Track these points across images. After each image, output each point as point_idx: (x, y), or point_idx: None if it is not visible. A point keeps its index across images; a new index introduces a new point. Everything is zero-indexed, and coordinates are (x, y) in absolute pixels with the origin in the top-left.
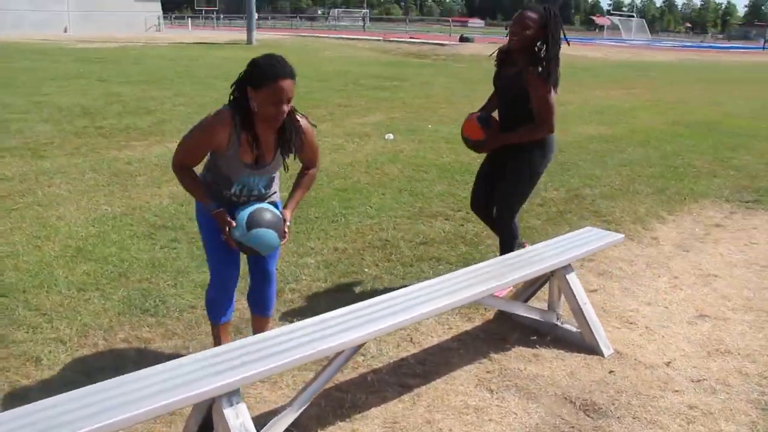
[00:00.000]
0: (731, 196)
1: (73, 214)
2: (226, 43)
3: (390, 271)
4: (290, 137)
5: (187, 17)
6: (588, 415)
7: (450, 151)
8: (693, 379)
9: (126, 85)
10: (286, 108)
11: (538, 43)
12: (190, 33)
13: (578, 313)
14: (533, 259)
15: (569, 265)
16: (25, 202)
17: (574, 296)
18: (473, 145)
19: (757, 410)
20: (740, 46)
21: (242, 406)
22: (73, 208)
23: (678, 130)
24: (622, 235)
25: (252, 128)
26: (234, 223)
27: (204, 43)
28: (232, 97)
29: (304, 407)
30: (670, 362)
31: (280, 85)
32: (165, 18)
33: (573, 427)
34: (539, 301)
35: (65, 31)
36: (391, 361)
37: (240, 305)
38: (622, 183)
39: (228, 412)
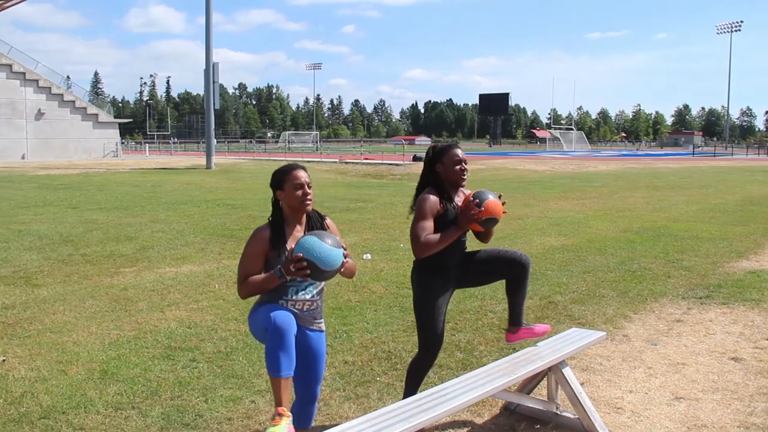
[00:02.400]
0: (686, 293)
1: (88, 339)
2: (186, 169)
3: (400, 378)
4: (319, 223)
5: (144, 142)
6: None
7: None
8: None
9: (99, 212)
10: (309, 191)
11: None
12: (148, 158)
13: (575, 401)
14: (533, 358)
15: (564, 360)
16: (36, 329)
17: (571, 387)
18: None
19: None
20: (672, 153)
21: None
22: (86, 334)
23: (629, 237)
24: (603, 333)
25: (281, 224)
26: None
27: (164, 168)
28: (271, 217)
29: None
30: None
31: (296, 173)
32: (122, 143)
33: None
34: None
35: (23, 158)
36: None
37: None
38: (588, 288)
39: None
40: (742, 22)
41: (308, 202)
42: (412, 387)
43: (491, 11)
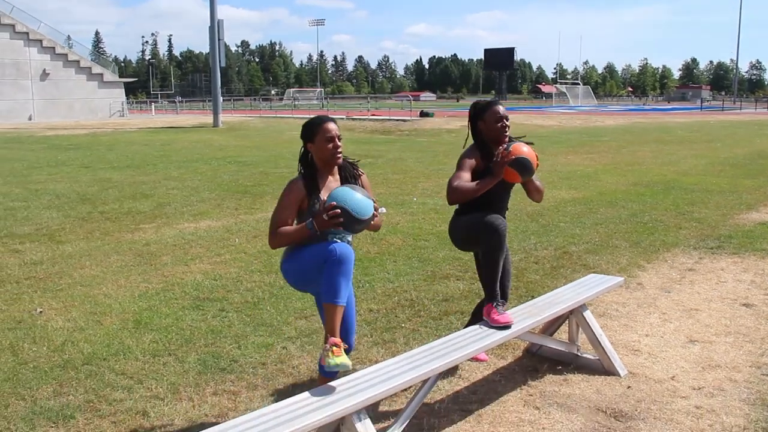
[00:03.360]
0: (697, 244)
1: (118, 292)
2: (194, 127)
3: (423, 324)
4: (351, 179)
5: (149, 101)
6: (618, 420)
7: (442, 220)
8: (695, 387)
9: (112, 171)
10: (340, 143)
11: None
12: (154, 117)
13: (596, 342)
14: (556, 301)
15: (584, 304)
16: (67, 283)
17: (591, 329)
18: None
19: (748, 405)
20: (680, 107)
21: (368, 422)
22: (115, 287)
23: (639, 190)
24: (621, 278)
25: (314, 175)
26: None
27: (171, 127)
28: (300, 168)
29: (405, 425)
30: (674, 377)
31: (327, 126)
32: (127, 103)
33: (609, 428)
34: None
35: (30, 119)
36: (450, 393)
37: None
38: (601, 239)
39: (359, 426)
40: None
41: (339, 155)
42: (494, 276)
43: None
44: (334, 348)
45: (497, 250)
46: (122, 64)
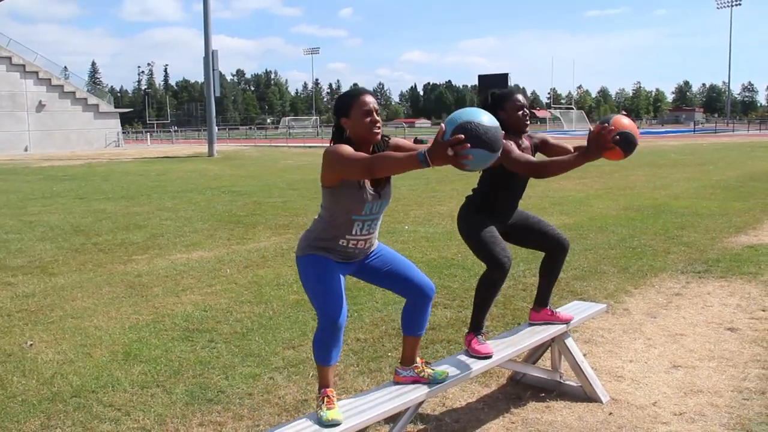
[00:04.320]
0: (685, 268)
1: (108, 324)
2: (189, 157)
3: None
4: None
5: (145, 131)
6: None
7: (432, 248)
8: (676, 413)
9: (107, 202)
10: (378, 117)
11: None
12: (150, 148)
13: (578, 369)
14: (537, 329)
15: (567, 331)
16: (58, 315)
17: (573, 356)
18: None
19: (728, 431)
20: (673, 130)
21: None
22: (106, 319)
23: (630, 214)
24: (604, 305)
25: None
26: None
27: (167, 157)
28: (332, 140)
29: None
30: (655, 402)
31: (364, 98)
32: (123, 133)
33: None
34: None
35: (26, 150)
36: (433, 421)
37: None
38: (589, 265)
39: None
40: None
41: (377, 130)
42: (484, 308)
43: None
44: (327, 398)
45: (496, 285)
46: (118, 94)
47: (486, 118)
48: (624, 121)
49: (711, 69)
